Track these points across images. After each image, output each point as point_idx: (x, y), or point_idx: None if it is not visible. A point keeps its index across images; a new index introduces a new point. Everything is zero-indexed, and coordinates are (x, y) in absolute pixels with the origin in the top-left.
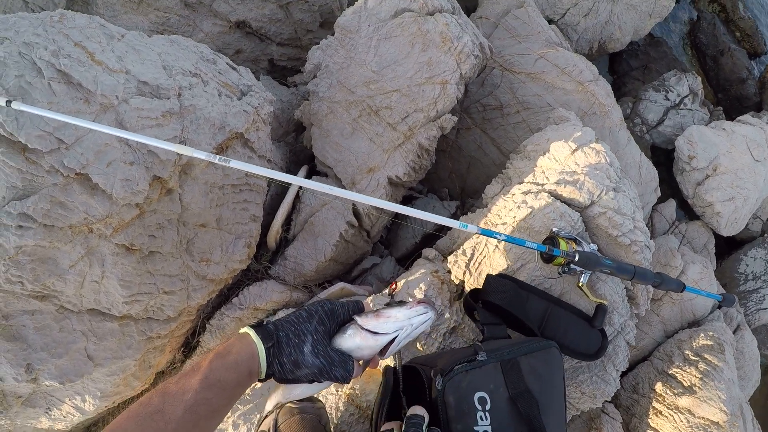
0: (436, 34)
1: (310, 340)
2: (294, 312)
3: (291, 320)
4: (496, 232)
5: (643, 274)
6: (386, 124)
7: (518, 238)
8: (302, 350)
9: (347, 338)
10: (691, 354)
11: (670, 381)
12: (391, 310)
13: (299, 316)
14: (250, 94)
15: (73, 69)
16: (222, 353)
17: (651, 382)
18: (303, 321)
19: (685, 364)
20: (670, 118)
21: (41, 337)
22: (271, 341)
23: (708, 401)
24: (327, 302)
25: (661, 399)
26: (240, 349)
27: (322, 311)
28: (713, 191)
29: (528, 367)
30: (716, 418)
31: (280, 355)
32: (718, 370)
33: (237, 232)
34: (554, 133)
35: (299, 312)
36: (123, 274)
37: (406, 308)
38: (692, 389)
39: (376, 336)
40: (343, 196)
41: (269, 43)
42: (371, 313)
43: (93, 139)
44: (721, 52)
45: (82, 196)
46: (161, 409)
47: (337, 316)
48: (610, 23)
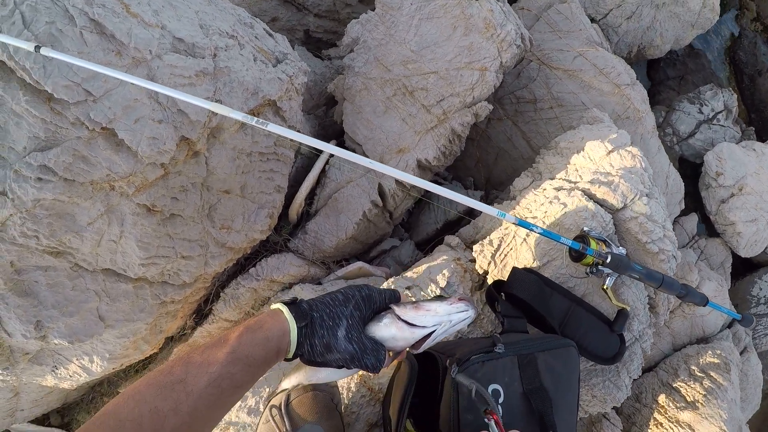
0: (479, 19)
1: (344, 324)
2: (329, 294)
3: (326, 302)
4: (533, 224)
5: (671, 283)
6: (420, 106)
7: (554, 233)
8: (336, 334)
9: (383, 327)
10: (697, 370)
11: (674, 394)
12: (431, 304)
13: (335, 299)
14: (285, 62)
15: (107, 19)
16: (253, 327)
17: (655, 393)
18: (339, 304)
19: (690, 380)
20: (701, 131)
21: (53, 294)
22: (305, 321)
23: (709, 418)
24: (365, 287)
25: (663, 411)
26: (272, 326)
27: (359, 296)
28: (737, 210)
29: (544, 364)
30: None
31: (312, 337)
32: (722, 389)
33: (260, 201)
34: (589, 132)
35: (335, 294)
36: (142, 235)
37: (446, 303)
38: (695, 405)
39: (412, 328)
40: (382, 170)
41: (306, 13)
42: (410, 304)
43: (122, 93)
44: (759, 72)
45: (106, 152)
46: (183, 379)
47: (373, 303)
48: (651, 29)
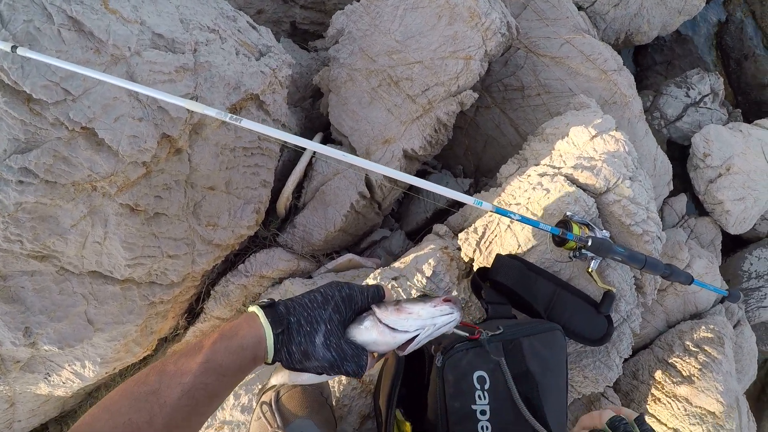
0: (464, 9)
1: (322, 330)
2: (308, 293)
3: (304, 304)
4: (510, 211)
5: (654, 264)
6: (405, 96)
7: (532, 219)
8: (313, 341)
9: (363, 330)
10: (692, 345)
11: (670, 370)
12: (414, 306)
13: (313, 300)
14: (268, 55)
15: (86, 16)
16: (227, 335)
17: (651, 369)
18: (317, 306)
19: (685, 355)
20: (688, 114)
21: (40, 299)
22: (281, 327)
23: (705, 391)
24: (345, 286)
25: (660, 387)
26: (247, 333)
27: (339, 297)
28: (725, 190)
29: (530, 348)
30: (713, 408)
31: (290, 344)
32: (717, 362)
33: (246, 196)
34: (574, 117)
35: (314, 295)
36: (126, 236)
37: (430, 305)
38: (691, 379)
39: (394, 333)
40: (362, 165)
41: (292, 5)
42: (392, 306)
43: (101, 92)
44: (746, 56)
45: (87, 152)
46: (157, 390)
47: (354, 303)
48: (639, 16)
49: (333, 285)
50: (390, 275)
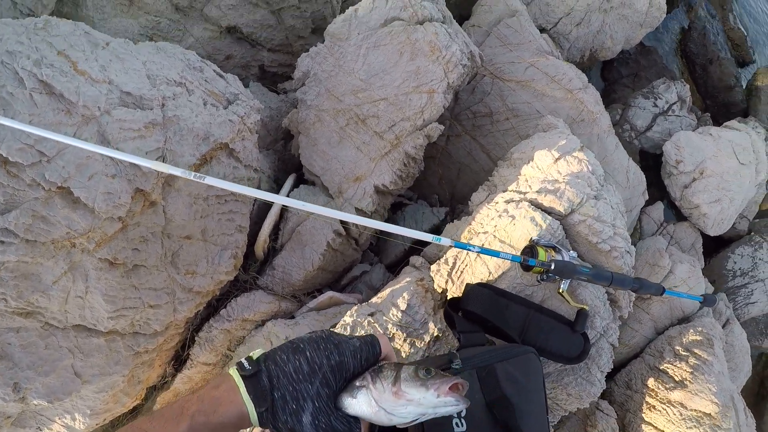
0: (424, 43)
1: (310, 408)
2: (293, 360)
3: (290, 375)
4: (470, 245)
5: (621, 280)
6: (373, 133)
7: (492, 250)
8: (300, 419)
9: (356, 404)
10: (682, 349)
11: (662, 376)
12: (415, 391)
13: (299, 370)
14: (236, 103)
15: (56, 79)
16: (207, 411)
17: (643, 377)
18: (303, 379)
19: (675, 360)
20: (658, 124)
21: (27, 354)
22: (265, 405)
23: (699, 394)
24: (335, 351)
25: (654, 394)
26: (227, 410)
27: (327, 367)
28: (700, 194)
29: (504, 373)
30: (708, 410)
31: (275, 421)
32: (708, 363)
33: (223, 243)
34: (540, 140)
35: (299, 362)
36: (107, 289)
37: (432, 392)
38: (683, 383)
39: (390, 416)
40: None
41: (260, 48)
42: (389, 386)
43: (74, 152)
44: (710, 60)
45: (64, 210)
46: None
47: (346, 371)
48: (601, 32)
49: (321, 347)
50: (366, 311)
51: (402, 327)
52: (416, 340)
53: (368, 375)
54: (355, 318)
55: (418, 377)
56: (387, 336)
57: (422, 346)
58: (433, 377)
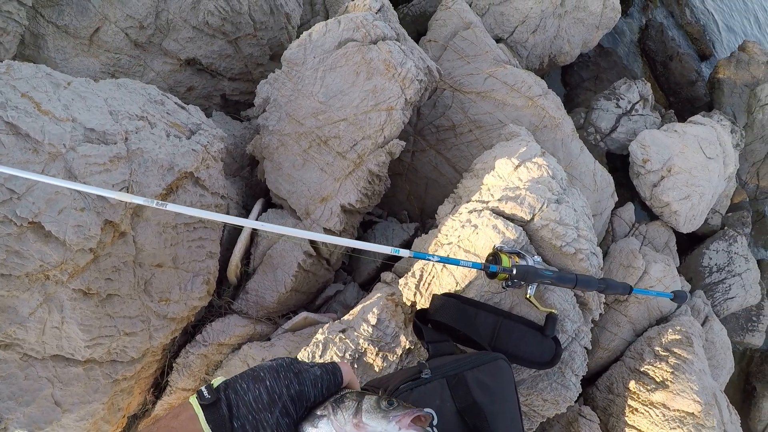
0: (379, 62)
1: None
2: (254, 390)
3: (249, 404)
4: (430, 254)
5: (586, 281)
6: (336, 153)
7: (453, 259)
8: None
9: (315, 429)
10: (661, 350)
11: (643, 378)
12: (377, 424)
13: (258, 399)
14: (199, 133)
15: (21, 120)
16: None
17: (625, 381)
18: (263, 409)
19: (655, 360)
20: (622, 124)
21: (7, 386)
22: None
23: (681, 394)
24: (294, 380)
25: (636, 396)
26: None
27: (287, 396)
28: (669, 191)
29: (475, 380)
30: (691, 409)
31: None
32: (688, 362)
33: (194, 269)
34: (501, 149)
35: (260, 393)
36: (82, 319)
37: (394, 425)
38: (665, 384)
39: None
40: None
41: (221, 78)
42: (351, 418)
43: (43, 188)
44: (671, 57)
45: (37, 244)
46: None
47: (306, 400)
48: (558, 38)
49: (281, 376)
50: (338, 328)
51: (373, 341)
52: (388, 353)
53: (329, 405)
54: (327, 335)
55: (379, 408)
56: (358, 353)
57: (394, 359)
58: (396, 408)
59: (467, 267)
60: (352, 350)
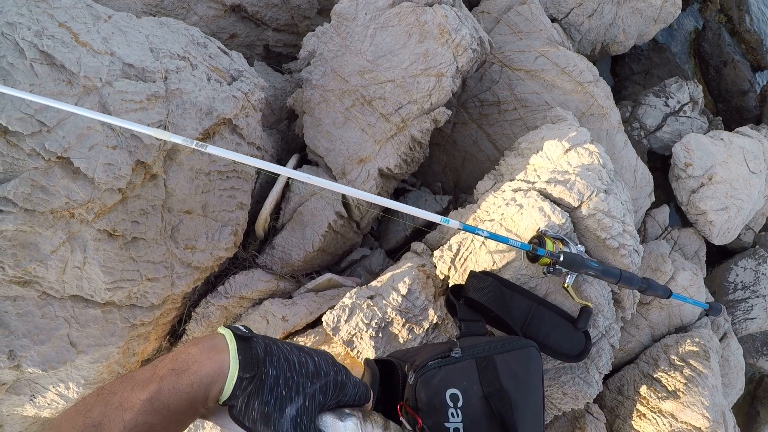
0: (434, 26)
1: (299, 403)
2: (300, 353)
3: (292, 362)
4: (479, 228)
5: (630, 278)
6: (379, 115)
7: (502, 236)
8: (283, 409)
9: (341, 428)
10: (677, 359)
11: (655, 384)
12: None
13: (304, 365)
14: (240, 80)
15: (56, 50)
16: (178, 369)
17: (636, 384)
18: (305, 375)
19: (670, 369)
20: (668, 124)
21: (23, 323)
22: (252, 371)
23: (691, 406)
24: (342, 371)
25: (645, 402)
26: (201, 368)
27: (333, 379)
28: (707, 200)
29: (504, 365)
30: (698, 424)
31: (255, 396)
32: (702, 376)
33: (223, 219)
34: (549, 131)
35: (306, 359)
36: (105, 260)
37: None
38: (676, 394)
39: None
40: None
41: (265, 28)
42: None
43: (75, 122)
44: (725, 62)
45: (64, 180)
46: (99, 423)
47: (343, 395)
48: (614, 26)
49: (330, 362)
50: (366, 294)
51: (401, 312)
52: (415, 326)
53: (359, 411)
54: (354, 300)
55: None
56: (384, 321)
57: (420, 332)
58: None
59: (515, 247)
60: (378, 318)
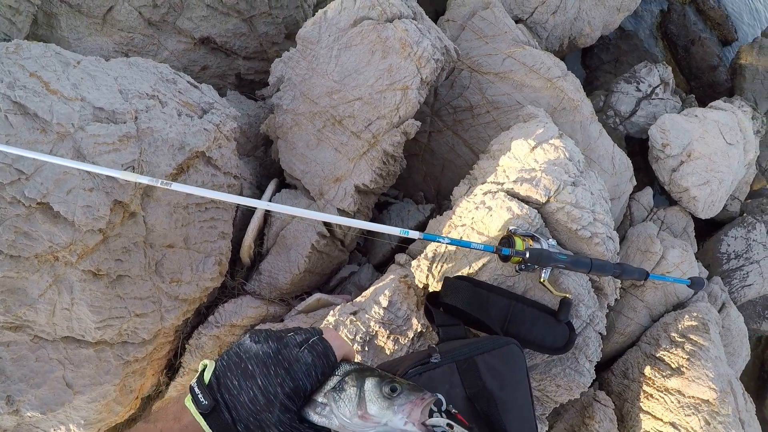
0: (395, 41)
1: None
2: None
3: (247, 406)
4: (440, 236)
5: (601, 266)
6: (350, 133)
7: (464, 241)
8: None
9: (321, 418)
10: (677, 336)
11: (659, 364)
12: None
13: (254, 401)
14: (211, 112)
15: (29, 100)
16: None
17: (640, 366)
18: (262, 410)
19: (671, 346)
20: (642, 108)
21: (18, 368)
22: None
23: (696, 380)
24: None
25: (651, 382)
26: None
27: (283, 395)
28: (688, 176)
29: (485, 365)
30: (706, 396)
31: None
32: (704, 349)
33: (206, 250)
34: (518, 131)
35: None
36: (92, 300)
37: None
38: (680, 370)
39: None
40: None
41: (235, 57)
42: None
43: (52, 168)
44: (692, 41)
45: (45, 225)
46: None
47: (303, 392)
48: (579, 19)
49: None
50: (349, 310)
51: (384, 324)
52: (399, 336)
53: (330, 395)
54: (338, 317)
55: (382, 396)
56: (369, 335)
57: (406, 342)
58: (400, 395)
59: (478, 250)
60: (363, 333)
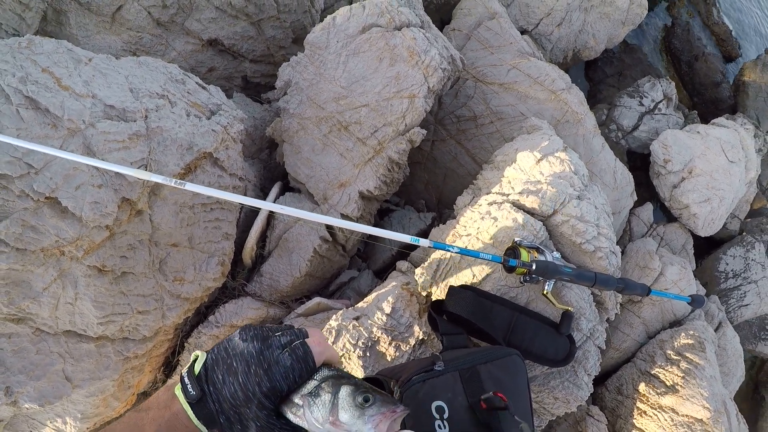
0: (403, 49)
1: (254, 428)
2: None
3: (228, 400)
4: (449, 245)
5: (605, 280)
6: (356, 139)
7: (472, 251)
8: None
9: (296, 418)
10: (673, 353)
11: (653, 381)
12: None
13: (235, 396)
14: (219, 113)
15: (41, 95)
16: None
17: (634, 382)
18: (241, 405)
19: (667, 364)
20: (645, 123)
21: (19, 359)
22: (214, 428)
23: (691, 399)
24: (265, 377)
25: (645, 399)
26: None
27: (261, 394)
28: (689, 193)
29: (488, 374)
30: (700, 416)
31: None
32: (699, 368)
33: (210, 250)
34: (523, 142)
35: (235, 390)
36: (96, 295)
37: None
38: (675, 388)
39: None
40: (301, 216)
41: (242, 60)
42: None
43: (61, 163)
44: (696, 57)
45: (53, 220)
46: None
47: (280, 392)
48: (583, 32)
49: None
50: (352, 315)
51: (387, 330)
52: (401, 343)
53: (305, 398)
54: (341, 322)
55: (355, 405)
56: (371, 341)
57: (407, 349)
58: (372, 406)
59: (486, 260)
60: (365, 338)
